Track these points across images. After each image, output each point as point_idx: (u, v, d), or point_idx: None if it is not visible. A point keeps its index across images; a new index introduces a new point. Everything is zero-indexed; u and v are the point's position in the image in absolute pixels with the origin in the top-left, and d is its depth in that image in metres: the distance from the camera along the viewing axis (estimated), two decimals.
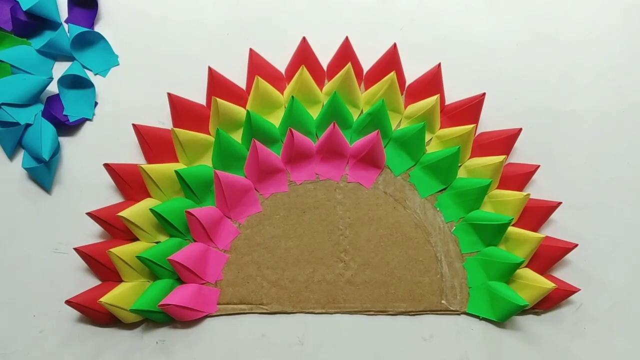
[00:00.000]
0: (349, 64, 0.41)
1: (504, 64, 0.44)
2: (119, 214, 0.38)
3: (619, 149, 0.43)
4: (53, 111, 0.42)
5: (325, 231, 0.41)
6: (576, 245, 0.40)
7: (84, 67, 0.44)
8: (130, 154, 0.42)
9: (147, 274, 0.40)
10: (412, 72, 0.43)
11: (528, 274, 0.40)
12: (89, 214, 0.39)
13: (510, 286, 0.40)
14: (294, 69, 0.42)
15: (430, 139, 0.43)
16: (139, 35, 0.44)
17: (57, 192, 0.42)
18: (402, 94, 0.43)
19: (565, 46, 0.45)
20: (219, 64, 0.42)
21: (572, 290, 0.40)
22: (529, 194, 0.40)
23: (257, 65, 0.42)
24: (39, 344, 0.40)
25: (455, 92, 0.43)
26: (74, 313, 0.40)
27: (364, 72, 0.44)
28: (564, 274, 0.41)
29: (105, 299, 0.37)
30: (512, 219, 0.39)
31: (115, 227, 0.39)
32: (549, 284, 0.38)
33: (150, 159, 0.41)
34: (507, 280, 0.40)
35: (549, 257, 0.40)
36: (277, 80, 0.43)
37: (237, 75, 0.43)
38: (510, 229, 0.40)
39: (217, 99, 0.40)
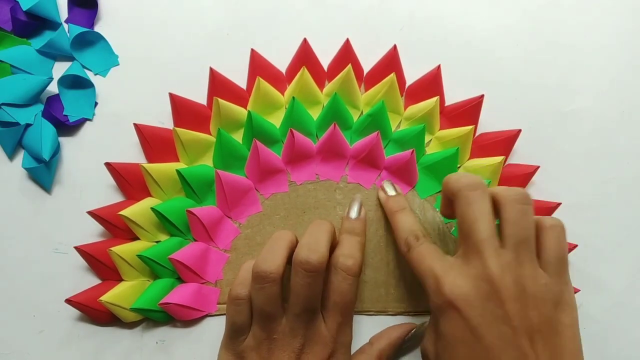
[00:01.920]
0: (349, 65, 0.41)
1: (504, 65, 0.45)
2: (120, 212, 0.38)
3: (619, 149, 0.43)
4: (53, 111, 0.42)
5: None
6: (576, 246, 0.40)
7: (84, 67, 0.44)
8: (131, 153, 0.42)
9: (147, 273, 0.40)
10: (412, 73, 0.43)
11: None
12: (89, 212, 0.39)
13: None
14: (295, 69, 0.42)
15: (430, 140, 0.43)
16: (139, 35, 0.44)
17: (57, 192, 0.42)
18: (402, 95, 0.43)
19: (565, 46, 0.45)
20: (219, 64, 0.42)
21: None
22: None
23: (259, 66, 0.42)
24: (39, 344, 0.40)
25: (455, 93, 0.43)
26: (74, 313, 0.40)
27: (364, 73, 0.44)
28: None
29: (105, 297, 0.37)
30: None
31: (116, 226, 0.39)
32: None
33: (151, 159, 0.41)
34: None
35: None
36: (278, 80, 0.43)
37: (238, 76, 0.43)
38: None
39: (219, 99, 0.40)
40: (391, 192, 0.40)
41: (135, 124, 0.40)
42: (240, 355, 0.34)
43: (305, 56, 0.42)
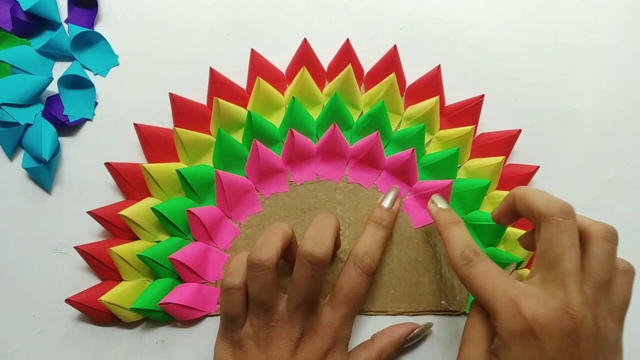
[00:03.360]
0: (350, 65, 0.41)
1: (504, 65, 0.45)
2: (120, 212, 0.38)
3: (619, 149, 0.43)
4: (53, 111, 0.42)
5: None
6: None
7: (84, 67, 0.44)
8: (131, 153, 0.42)
9: (147, 272, 0.40)
10: (412, 73, 0.43)
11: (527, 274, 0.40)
12: (89, 212, 0.39)
13: None
14: (295, 69, 0.42)
15: (430, 140, 0.43)
16: (139, 35, 0.44)
17: (57, 192, 0.42)
18: (402, 95, 0.43)
19: (565, 46, 0.45)
20: (219, 64, 0.42)
21: None
22: None
23: (259, 66, 0.42)
24: (39, 344, 0.40)
25: (455, 93, 0.43)
26: (74, 313, 0.40)
27: (364, 73, 0.44)
28: None
29: (105, 297, 0.37)
30: None
31: (116, 226, 0.39)
32: None
33: (151, 159, 0.41)
34: None
35: None
36: (278, 80, 0.43)
37: (238, 76, 0.43)
38: (510, 229, 0.40)
39: (219, 99, 0.40)
40: (443, 205, 0.37)
41: (135, 124, 0.40)
42: (237, 344, 0.35)
43: (305, 56, 0.42)
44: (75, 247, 0.39)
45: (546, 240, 0.31)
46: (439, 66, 0.42)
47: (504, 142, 0.41)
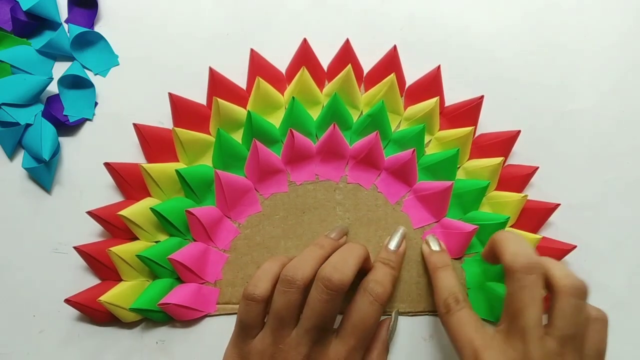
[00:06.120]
0: (349, 65, 0.41)
1: (504, 65, 0.44)
2: (119, 212, 0.38)
3: (619, 149, 0.43)
4: (53, 111, 0.42)
5: (325, 231, 0.41)
6: (575, 247, 0.40)
7: (84, 67, 0.44)
8: (130, 153, 0.42)
9: (146, 273, 0.40)
10: (412, 73, 0.43)
11: None
12: (89, 212, 0.39)
13: None
14: (295, 69, 0.42)
15: (430, 141, 0.43)
16: (139, 35, 0.44)
17: (57, 192, 0.42)
18: (401, 96, 0.43)
19: (564, 46, 0.45)
20: (219, 64, 0.42)
21: None
22: (526, 195, 0.40)
23: (258, 66, 0.42)
24: (39, 344, 0.40)
25: (455, 93, 0.43)
26: (74, 313, 0.40)
27: (364, 73, 0.44)
28: None
29: (104, 297, 0.38)
30: (509, 217, 0.39)
31: (115, 226, 0.39)
32: None
33: (150, 159, 0.41)
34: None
35: None
36: (278, 80, 0.43)
37: (237, 76, 0.43)
38: (508, 229, 0.40)
39: (218, 99, 0.40)
40: (436, 247, 0.39)
41: (134, 124, 0.40)
42: (245, 357, 0.34)
43: (305, 56, 0.42)
44: (75, 247, 0.39)
45: (509, 293, 0.32)
46: (438, 66, 0.42)
47: (504, 142, 0.41)
